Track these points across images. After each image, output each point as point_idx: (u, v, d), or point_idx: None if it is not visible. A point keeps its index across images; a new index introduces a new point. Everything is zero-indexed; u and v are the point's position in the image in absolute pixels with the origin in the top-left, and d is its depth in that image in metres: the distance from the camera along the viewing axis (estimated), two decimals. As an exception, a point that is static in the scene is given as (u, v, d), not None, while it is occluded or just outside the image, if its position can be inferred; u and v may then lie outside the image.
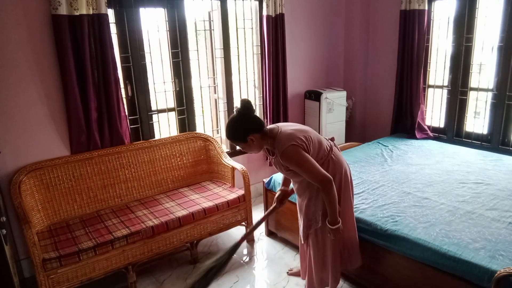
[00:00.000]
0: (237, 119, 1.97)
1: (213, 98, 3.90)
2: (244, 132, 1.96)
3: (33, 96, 2.70)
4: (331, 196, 1.97)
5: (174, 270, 2.90)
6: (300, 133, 2.00)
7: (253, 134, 1.96)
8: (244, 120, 1.97)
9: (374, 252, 2.38)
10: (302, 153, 1.94)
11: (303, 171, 1.97)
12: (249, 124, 1.97)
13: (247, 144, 1.99)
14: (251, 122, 1.98)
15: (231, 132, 2.00)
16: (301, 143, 1.95)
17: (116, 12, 2.99)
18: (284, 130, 2.01)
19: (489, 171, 3.03)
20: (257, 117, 2.02)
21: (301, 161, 1.94)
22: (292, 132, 2.00)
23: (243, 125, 1.97)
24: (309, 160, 1.95)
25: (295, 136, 1.97)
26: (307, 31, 4.15)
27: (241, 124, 1.97)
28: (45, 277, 2.31)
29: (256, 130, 1.97)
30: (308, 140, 2.00)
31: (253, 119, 1.99)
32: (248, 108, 1.97)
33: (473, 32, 3.53)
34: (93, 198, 2.94)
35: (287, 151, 1.94)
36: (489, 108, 3.55)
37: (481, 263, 1.91)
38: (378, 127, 4.47)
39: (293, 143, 1.93)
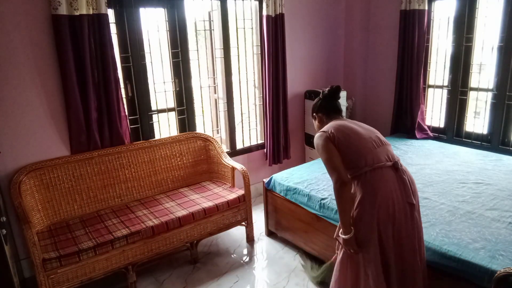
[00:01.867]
0: (322, 95, 2.17)
1: (213, 98, 3.90)
2: (315, 108, 2.16)
3: (33, 96, 2.71)
4: (342, 200, 1.81)
5: (174, 270, 2.90)
6: (343, 128, 1.91)
7: (321, 113, 2.13)
8: (321, 98, 2.15)
9: (374, 252, 2.38)
10: (325, 142, 1.88)
11: (323, 161, 1.90)
12: (321, 104, 2.14)
13: (314, 119, 2.19)
14: (325, 104, 2.12)
15: (313, 103, 2.20)
16: (331, 133, 1.89)
17: (116, 12, 2.99)
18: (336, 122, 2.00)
19: (489, 171, 3.03)
20: (334, 103, 2.13)
21: (321, 149, 1.90)
22: (336, 125, 1.94)
23: (317, 102, 2.16)
24: (329, 151, 1.85)
25: (333, 126, 1.94)
26: (307, 31, 4.15)
27: (317, 101, 2.16)
28: (45, 277, 2.31)
29: (324, 111, 2.12)
30: (346, 137, 1.87)
31: (329, 102, 2.13)
32: (335, 91, 2.12)
33: (473, 32, 3.53)
34: (93, 198, 2.94)
35: (316, 136, 1.96)
36: (489, 108, 3.55)
37: (481, 263, 1.91)
38: (378, 127, 4.42)
39: (323, 130, 1.95)
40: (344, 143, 1.88)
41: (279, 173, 3.21)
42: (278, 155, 3.99)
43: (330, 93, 2.12)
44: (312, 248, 2.86)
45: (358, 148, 1.89)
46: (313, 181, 2.97)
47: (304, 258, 2.91)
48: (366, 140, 1.92)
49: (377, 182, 1.84)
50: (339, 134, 1.89)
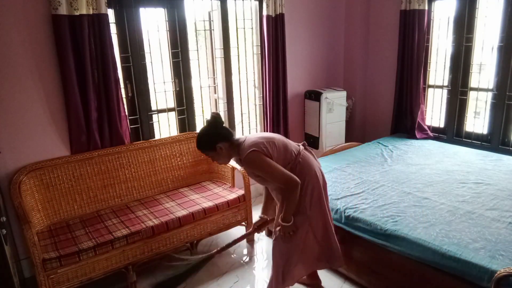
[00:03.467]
0: (206, 128, 2.11)
1: (213, 98, 3.90)
2: (213, 139, 2.06)
3: (33, 96, 2.71)
4: (293, 197, 2.05)
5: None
6: (263, 139, 2.08)
7: (221, 142, 2.06)
8: (212, 129, 2.09)
9: (374, 252, 2.38)
10: (262, 157, 2.02)
11: (267, 174, 2.05)
12: (217, 132, 2.08)
13: (216, 152, 2.08)
14: (220, 131, 2.09)
15: (201, 140, 2.09)
16: (263, 148, 2.03)
17: (116, 12, 2.99)
18: (249, 138, 2.10)
19: (489, 171, 3.03)
20: (226, 128, 2.14)
21: (262, 165, 2.02)
22: (255, 139, 2.08)
23: (212, 133, 2.08)
24: (270, 163, 2.02)
25: (257, 142, 2.05)
26: (307, 31, 4.15)
27: (210, 132, 2.08)
28: (45, 277, 2.31)
29: (224, 138, 2.08)
30: (271, 145, 2.08)
31: (221, 129, 2.11)
32: (217, 119, 2.11)
33: (473, 32, 3.53)
34: (93, 198, 2.94)
35: (248, 156, 2.02)
36: (489, 108, 3.55)
37: (481, 263, 1.91)
38: (378, 127, 4.47)
39: (254, 149, 2.02)
40: (275, 149, 2.08)
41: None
42: (278, 155, 3.98)
43: (217, 118, 2.11)
44: (312, 248, 2.86)
45: (283, 146, 2.14)
46: (313, 181, 2.97)
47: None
48: (280, 138, 2.19)
49: (308, 162, 2.19)
50: (267, 145, 2.06)
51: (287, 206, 2.07)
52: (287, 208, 2.07)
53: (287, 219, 2.10)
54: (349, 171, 3.16)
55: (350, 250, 2.54)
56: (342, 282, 2.66)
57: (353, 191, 2.79)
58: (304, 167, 2.16)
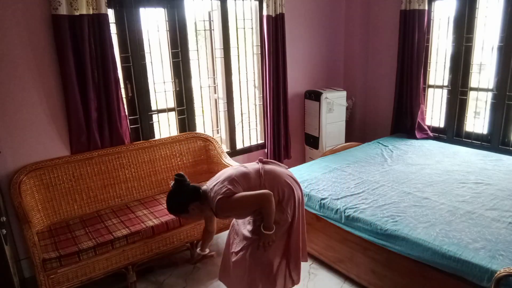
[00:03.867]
0: (174, 193, 2.04)
1: (213, 98, 3.90)
2: (184, 204, 2.02)
3: (33, 96, 2.71)
4: (271, 209, 2.02)
5: (174, 270, 2.90)
6: (223, 182, 2.04)
7: (192, 203, 2.03)
8: (181, 192, 2.03)
9: (374, 252, 2.38)
10: (228, 200, 1.98)
11: (240, 209, 2.05)
12: (186, 195, 2.03)
13: (190, 214, 2.05)
14: (188, 192, 2.04)
15: (172, 206, 2.05)
16: (226, 192, 1.99)
17: (116, 12, 2.99)
18: (211, 188, 2.06)
19: (489, 171, 3.03)
20: (192, 186, 2.08)
21: (231, 206, 1.99)
22: (217, 187, 2.04)
23: (181, 197, 2.03)
24: (236, 199, 1.99)
25: (219, 188, 2.02)
26: (307, 31, 4.15)
27: (180, 197, 2.03)
28: (45, 277, 2.31)
29: (195, 198, 2.04)
30: (233, 183, 2.04)
31: (189, 189, 2.05)
32: (182, 181, 2.04)
33: (473, 32, 3.53)
34: (93, 198, 2.94)
35: (217, 205, 1.99)
36: (489, 108, 3.55)
37: (481, 263, 1.91)
38: (378, 127, 4.47)
39: (219, 197, 1.99)
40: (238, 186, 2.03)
41: (279, 173, 3.20)
42: (278, 155, 3.99)
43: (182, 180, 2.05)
44: (312, 248, 2.86)
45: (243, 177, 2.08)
46: (313, 181, 2.97)
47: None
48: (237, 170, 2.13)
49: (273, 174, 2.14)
50: (229, 186, 2.01)
51: (267, 216, 2.04)
52: (268, 218, 2.04)
53: (269, 227, 2.07)
54: (349, 171, 3.16)
55: (350, 250, 2.54)
56: (342, 282, 2.66)
57: (353, 191, 2.79)
58: (272, 181, 2.12)
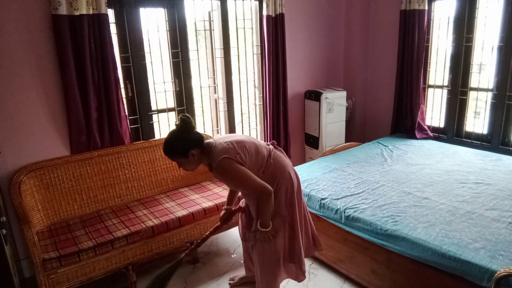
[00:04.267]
0: (179, 132, 1.95)
1: (213, 98, 3.90)
2: (187, 145, 1.93)
3: (33, 96, 2.70)
4: (268, 205, 1.99)
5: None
6: (233, 144, 1.99)
7: (194, 148, 1.94)
8: (185, 134, 1.95)
9: (374, 252, 2.38)
10: (235, 165, 1.93)
11: (239, 183, 2.00)
12: (190, 138, 1.95)
13: (188, 159, 1.95)
14: (194, 136, 1.96)
15: (172, 145, 1.95)
16: (235, 155, 1.94)
17: (116, 12, 2.99)
18: (219, 143, 1.99)
19: (489, 171, 3.03)
20: (198, 132, 2.00)
21: (234, 174, 1.94)
22: (226, 145, 1.98)
23: (185, 138, 1.94)
24: (243, 172, 1.94)
25: (228, 148, 1.96)
26: (307, 31, 4.15)
27: (184, 138, 1.94)
28: (45, 277, 2.31)
29: (198, 144, 1.96)
30: (243, 150, 1.99)
31: (194, 134, 1.97)
32: (189, 123, 1.95)
33: (473, 32, 3.53)
34: (93, 198, 2.94)
35: (220, 164, 1.92)
36: (489, 108, 3.55)
37: (481, 263, 1.91)
38: (378, 127, 4.47)
39: (226, 155, 1.92)
40: (247, 154, 1.99)
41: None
42: (278, 155, 3.98)
43: (189, 122, 1.96)
44: (312, 248, 2.86)
45: (255, 149, 2.05)
46: (313, 181, 2.97)
47: None
48: (251, 140, 2.10)
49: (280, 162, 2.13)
50: (239, 150, 1.96)
51: (263, 214, 2.02)
52: (264, 215, 2.02)
53: (265, 224, 2.04)
54: (349, 171, 3.16)
55: (350, 250, 2.54)
56: (342, 282, 2.66)
57: (353, 191, 2.79)
58: (277, 168, 2.10)
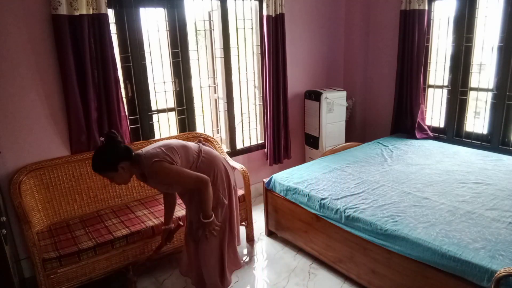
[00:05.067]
0: (106, 148, 1.98)
1: (213, 98, 3.90)
2: (114, 160, 1.95)
3: (33, 96, 2.71)
4: (208, 195, 2.08)
5: (174, 270, 2.90)
6: (161, 148, 2.07)
7: (123, 161, 1.97)
8: (113, 148, 1.98)
9: (374, 252, 2.38)
10: (166, 165, 2.01)
11: (175, 181, 2.08)
12: (118, 152, 1.97)
13: (118, 173, 1.98)
14: (121, 150, 1.99)
15: (100, 161, 1.96)
16: (164, 157, 2.02)
17: (116, 12, 2.99)
18: (146, 151, 2.07)
19: (489, 171, 3.03)
20: (125, 145, 2.04)
21: (167, 173, 2.01)
22: (153, 150, 2.05)
23: (113, 153, 1.96)
24: (176, 169, 2.03)
25: (157, 152, 2.03)
26: (307, 31, 4.15)
27: (111, 152, 1.97)
28: (45, 277, 2.31)
29: (126, 157, 2.00)
30: (172, 151, 2.07)
31: (121, 147, 2.01)
32: (114, 137, 1.99)
33: (473, 32, 3.53)
34: (93, 198, 2.94)
35: (152, 168, 1.99)
36: (489, 108, 3.55)
37: (481, 263, 1.91)
38: (378, 127, 4.47)
39: (156, 159, 1.99)
40: (176, 155, 2.08)
41: (279, 173, 3.21)
42: (278, 155, 3.99)
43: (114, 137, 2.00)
44: (312, 248, 2.86)
45: (183, 149, 2.15)
46: (313, 181, 2.97)
47: None
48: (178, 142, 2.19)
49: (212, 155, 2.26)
50: (167, 152, 2.05)
51: (204, 204, 2.09)
52: (205, 206, 2.10)
53: (207, 215, 2.13)
54: (349, 171, 3.16)
55: (350, 250, 2.54)
56: (342, 282, 2.66)
57: (353, 191, 2.79)
58: (210, 161, 2.22)
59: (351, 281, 2.64)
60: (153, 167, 1.99)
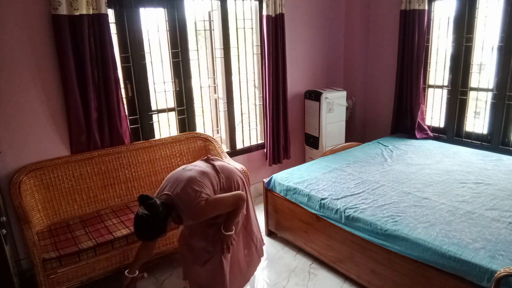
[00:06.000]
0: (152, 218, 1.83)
1: (213, 98, 3.90)
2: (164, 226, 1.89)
3: (33, 96, 2.71)
4: (240, 210, 2.12)
5: (174, 270, 2.90)
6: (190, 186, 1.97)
7: (168, 217, 1.90)
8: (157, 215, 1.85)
9: (374, 252, 2.38)
10: (208, 201, 1.97)
11: (219, 211, 2.08)
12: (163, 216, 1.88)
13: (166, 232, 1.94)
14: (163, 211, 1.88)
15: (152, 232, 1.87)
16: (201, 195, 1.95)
17: (116, 12, 2.99)
18: (176, 194, 1.94)
19: (489, 171, 3.03)
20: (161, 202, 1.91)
21: (212, 209, 2.00)
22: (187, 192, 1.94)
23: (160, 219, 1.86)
24: (215, 200, 2.00)
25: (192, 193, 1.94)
26: (307, 31, 4.15)
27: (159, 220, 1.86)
28: (45, 277, 2.31)
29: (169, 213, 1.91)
30: (200, 185, 2.00)
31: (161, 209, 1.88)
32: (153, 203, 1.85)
33: (473, 32, 3.53)
34: (93, 198, 2.94)
35: (197, 210, 1.93)
36: (489, 108, 3.55)
37: (481, 263, 1.91)
38: (378, 127, 4.47)
39: (198, 200, 1.93)
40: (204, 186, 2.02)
41: (279, 173, 3.21)
42: (278, 155, 3.99)
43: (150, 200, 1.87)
44: (312, 248, 2.86)
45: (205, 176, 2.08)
46: (313, 181, 2.97)
47: None
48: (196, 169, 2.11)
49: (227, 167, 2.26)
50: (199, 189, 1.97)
51: (234, 217, 2.11)
52: (234, 219, 2.11)
53: (230, 228, 2.12)
54: (349, 171, 3.16)
55: (350, 250, 2.54)
56: (342, 282, 2.66)
57: (353, 191, 2.79)
58: (228, 176, 2.21)
59: (351, 281, 2.64)
60: (198, 209, 1.92)
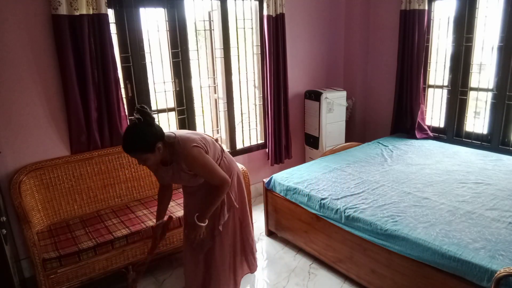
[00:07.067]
0: (143, 126, 1.79)
1: (213, 98, 3.90)
2: (154, 138, 1.80)
3: (33, 96, 2.70)
4: (221, 198, 2.05)
5: (174, 270, 2.90)
6: (196, 136, 2.02)
7: (159, 142, 1.83)
8: (151, 125, 1.81)
9: (374, 252, 2.38)
10: (204, 154, 1.97)
11: (206, 171, 1.97)
12: (157, 130, 1.84)
13: (153, 154, 1.82)
14: (157, 128, 1.85)
15: (139, 140, 1.77)
16: (202, 145, 1.98)
17: (116, 12, 2.99)
18: (180, 134, 1.95)
19: (489, 171, 3.03)
20: (158, 124, 1.91)
21: (204, 161, 1.96)
22: (190, 135, 1.98)
23: (151, 132, 1.80)
24: (210, 161, 1.99)
25: (194, 138, 1.97)
26: (307, 31, 4.15)
27: (149, 131, 1.80)
28: (45, 277, 2.31)
29: (162, 137, 1.86)
30: (205, 142, 2.04)
31: (156, 126, 1.86)
32: (149, 114, 1.81)
33: (473, 32, 3.53)
34: (93, 198, 2.94)
35: (190, 152, 1.90)
36: (489, 108, 3.55)
37: (481, 263, 1.91)
38: (378, 127, 4.47)
39: (195, 144, 1.93)
40: (208, 146, 2.05)
41: (279, 173, 3.21)
42: (279, 155, 3.99)
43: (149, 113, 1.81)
44: (312, 248, 2.86)
45: (212, 143, 2.12)
46: (313, 181, 2.97)
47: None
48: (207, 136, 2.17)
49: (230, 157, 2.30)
50: (203, 141, 2.02)
51: (211, 206, 2.04)
52: (210, 208, 2.05)
53: (205, 219, 2.06)
54: (349, 171, 3.16)
55: (350, 250, 2.54)
56: (342, 282, 2.66)
57: (353, 191, 2.79)
58: (229, 163, 2.24)
59: (351, 281, 2.64)
60: (191, 152, 1.88)
